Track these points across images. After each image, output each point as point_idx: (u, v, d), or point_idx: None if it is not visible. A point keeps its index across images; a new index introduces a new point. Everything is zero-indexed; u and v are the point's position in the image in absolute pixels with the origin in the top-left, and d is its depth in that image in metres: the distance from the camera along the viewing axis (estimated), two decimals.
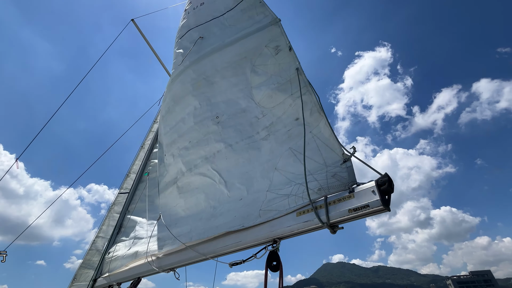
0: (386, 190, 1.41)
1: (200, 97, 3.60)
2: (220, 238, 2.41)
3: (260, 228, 2.00)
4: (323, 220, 1.57)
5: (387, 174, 1.46)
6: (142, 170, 5.06)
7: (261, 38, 3.41)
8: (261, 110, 3.05)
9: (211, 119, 3.36)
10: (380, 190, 1.41)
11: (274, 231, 1.86)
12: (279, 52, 3.17)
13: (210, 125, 3.35)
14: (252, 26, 3.59)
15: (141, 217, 4.20)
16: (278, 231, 1.84)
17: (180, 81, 4.04)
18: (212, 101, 3.46)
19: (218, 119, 3.32)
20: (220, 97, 3.43)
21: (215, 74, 3.58)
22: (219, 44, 3.79)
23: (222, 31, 4.00)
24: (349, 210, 1.50)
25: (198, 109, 3.55)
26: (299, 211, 1.77)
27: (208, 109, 3.44)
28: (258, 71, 3.26)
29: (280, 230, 1.83)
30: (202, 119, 3.44)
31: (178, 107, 3.92)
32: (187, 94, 3.81)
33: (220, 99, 3.41)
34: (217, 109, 3.37)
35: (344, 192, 1.63)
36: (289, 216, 1.83)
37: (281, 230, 1.82)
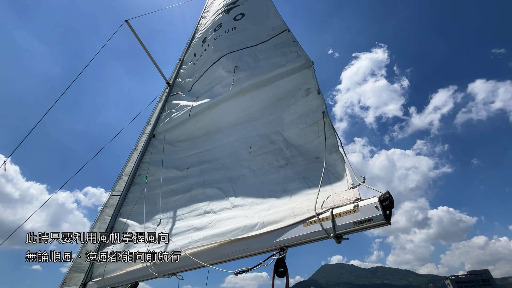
0: (387, 206, 1.61)
1: (242, 131, 4.05)
2: (225, 245, 2.52)
3: (267, 237, 2.14)
4: (329, 232, 1.74)
5: (388, 191, 1.65)
6: (134, 172, 5.01)
7: (296, 81, 3.88)
8: (286, 144, 3.39)
9: (245, 149, 3.74)
10: (383, 206, 1.60)
11: (281, 240, 2.00)
12: (309, 94, 3.59)
13: (244, 154, 3.71)
14: (287, 65, 4.06)
15: (136, 220, 4.17)
16: (285, 240, 1.98)
17: (223, 110, 4.54)
18: (250, 135, 3.87)
19: (250, 149, 3.70)
20: (256, 132, 3.84)
21: (256, 112, 4.07)
22: (257, 81, 4.27)
23: (256, 64, 4.50)
24: (354, 223, 1.68)
25: (238, 141, 3.96)
26: (306, 222, 1.94)
27: (246, 141, 3.84)
28: (290, 110, 3.68)
29: (288, 239, 1.97)
30: (239, 149, 3.83)
31: (220, 135, 4.38)
32: (231, 126, 4.29)
33: (256, 133, 3.82)
34: (252, 141, 3.77)
35: (349, 206, 1.81)
36: (297, 226, 1.98)
37: (289, 239, 1.97)
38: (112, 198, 4.73)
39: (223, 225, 2.86)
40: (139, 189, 4.68)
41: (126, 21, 6.91)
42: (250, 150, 3.81)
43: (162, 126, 5.50)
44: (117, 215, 4.40)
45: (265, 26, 5.23)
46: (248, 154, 3.78)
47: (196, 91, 5.65)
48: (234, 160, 3.93)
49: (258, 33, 5.10)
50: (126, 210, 4.44)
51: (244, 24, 5.67)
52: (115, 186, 4.94)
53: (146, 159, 5.26)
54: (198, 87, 5.68)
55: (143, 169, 5.04)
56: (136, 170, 5.02)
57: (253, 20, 5.58)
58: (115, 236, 4.14)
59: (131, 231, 4.06)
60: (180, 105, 5.64)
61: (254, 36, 5.09)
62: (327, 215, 1.82)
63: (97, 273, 3.72)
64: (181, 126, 5.16)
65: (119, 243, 3.97)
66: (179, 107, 5.59)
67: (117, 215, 4.39)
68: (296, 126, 3.53)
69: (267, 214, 2.44)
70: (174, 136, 5.25)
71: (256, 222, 2.45)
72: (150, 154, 5.32)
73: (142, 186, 4.74)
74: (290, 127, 3.61)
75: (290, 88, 3.97)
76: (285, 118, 3.76)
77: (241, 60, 4.81)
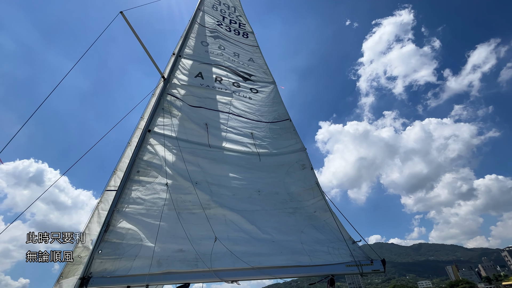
0: (384, 262, 3.53)
1: (249, 175, 5.23)
2: (266, 269, 3.62)
3: (317, 268, 3.54)
4: (361, 271, 3.43)
5: (384, 259, 3.60)
6: (130, 168, 4.77)
7: (294, 157, 5.67)
8: (290, 197, 4.87)
9: (255, 190, 4.92)
10: (383, 262, 3.51)
11: (329, 271, 3.48)
12: (305, 169, 5.36)
13: (254, 194, 4.85)
14: (288, 147, 5.91)
15: (141, 223, 4.14)
16: (332, 272, 3.47)
17: (240, 160, 5.56)
18: (258, 181, 5.14)
19: (259, 192, 4.91)
20: (264, 181, 5.16)
21: (265, 169, 5.41)
22: (269, 152, 5.80)
23: (267, 138, 6.10)
24: (372, 270, 3.47)
25: (247, 181, 5.12)
26: (347, 263, 3.55)
27: (254, 185, 5.04)
28: (290, 175, 5.32)
29: (334, 272, 3.47)
30: (248, 188, 4.97)
31: (227, 167, 5.31)
32: (239, 166, 5.36)
33: (263, 182, 5.13)
34: (260, 186, 5.02)
35: (367, 261, 3.62)
36: (340, 264, 3.56)
37: (335, 271, 3.47)
38: (106, 193, 4.34)
39: (255, 246, 3.95)
40: (140, 188, 4.60)
41: (121, 13, 6.62)
42: (260, 193, 5.02)
43: (180, 132, 5.64)
44: (113, 210, 4.14)
45: (272, 110, 6.96)
46: (258, 195, 4.97)
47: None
48: (245, 195, 4.97)
49: (268, 113, 6.83)
50: (126, 207, 4.27)
51: (258, 101, 7.20)
52: (109, 181, 4.53)
53: (141, 156, 5.10)
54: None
55: (141, 166, 4.91)
56: (132, 166, 4.82)
57: (265, 102, 7.26)
58: (111, 232, 3.98)
59: (139, 232, 4.03)
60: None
61: (265, 114, 6.76)
62: (357, 263, 3.55)
63: (97, 268, 3.49)
64: (196, 144, 5.56)
65: (124, 242, 3.87)
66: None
67: (113, 210, 4.14)
68: (295, 187, 5.17)
69: (304, 251, 3.85)
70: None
71: (293, 251, 3.81)
72: (146, 151, 5.21)
73: (141, 184, 4.68)
74: (291, 187, 5.19)
75: (290, 160, 5.68)
76: (285, 179, 5.32)
77: (256, 129, 6.26)
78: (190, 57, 7.73)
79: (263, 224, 4.42)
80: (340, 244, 3.99)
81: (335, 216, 4.48)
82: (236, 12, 12.08)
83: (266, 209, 4.74)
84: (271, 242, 4.09)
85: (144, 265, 3.55)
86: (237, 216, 4.46)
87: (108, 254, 3.70)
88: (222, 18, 10.77)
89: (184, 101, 6.42)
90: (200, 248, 3.84)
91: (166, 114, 6.00)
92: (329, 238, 4.15)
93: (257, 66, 8.91)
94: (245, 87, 7.58)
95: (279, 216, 4.62)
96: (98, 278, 3.40)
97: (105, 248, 3.73)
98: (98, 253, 3.63)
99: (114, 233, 3.93)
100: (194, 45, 8.36)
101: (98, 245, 3.67)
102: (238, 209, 4.61)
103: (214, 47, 8.75)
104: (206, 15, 10.14)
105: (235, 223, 4.31)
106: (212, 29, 9.57)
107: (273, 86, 8.01)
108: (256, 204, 4.78)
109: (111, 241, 3.84)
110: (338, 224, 4.38)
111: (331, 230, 4.27)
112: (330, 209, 4.67)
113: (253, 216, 4.55)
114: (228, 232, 4.15)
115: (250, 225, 4.32)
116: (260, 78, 8.27)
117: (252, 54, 9.40)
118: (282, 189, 5.11)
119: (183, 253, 3.79)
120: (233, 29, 10.48)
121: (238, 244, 3.99)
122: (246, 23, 11.53)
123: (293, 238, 4.15)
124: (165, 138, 5.49)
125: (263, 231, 4.25)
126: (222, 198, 4.78)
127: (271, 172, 5.43)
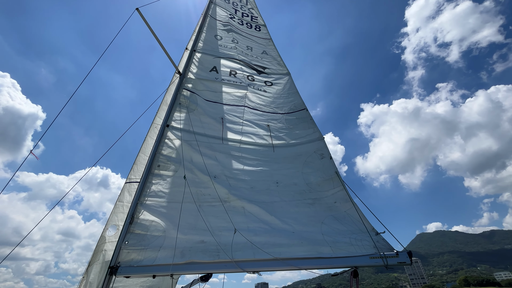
0: (411, 255, 3.42)
1: (266, 167, 5.23)
2: (289, 260, 3.60)
3: (339, 260, 3.49)
4: (385, 264, 3.35)
5: (410, 251, 3.48)
6: (150, 162, 4.89)
7: (312, 146, 5.52)
8: (309, 187, 4.77)
9: (272, 182, 4.88)
10: (410, 255, 3.40)
11: (352, 263, 3.42)
12: (324, 158, 5.22)
13: (272, 186, 4.81)
14: (306, 137, 5.78)
15: (163, 215, 4.25)
16: (355, 264, 3.41)
17: (257, 152, 5.53)
18: (275, 172, 5.10)
19: (277, 183, 4.87)
20: (280, 172, 5.10)
21: (282, 160, 5.35)
22: (286, 143, 5.75)
23: (284, 130, 6.00)
24: (398, 262, 3.37)
25: (264, 173, 5.11)
26: (371, 255, 3.47)
27: (272, 176, 5.01)
28: (308, 165, 5.20)
29: (357, 263, 3.41)
30: (266, 180, 4.93)
31: (242, 160, 5.30)
32: (255, 159, 5.36)
33: (281, 173, 5.07)
34: (277, 178, 4.98)
35: (393, 253, 3.52)
36: (364, 256, 3.48)
37: (358, 263, 3.41)
38: (127, 185, 4.47)
39: (275, 236, 3.93)
40: (161, 181, 4.70)
41: (137, 9, 6.65)
42: (278, 184, 4.98)
43: (196, 126, 5.70)
44: (136, 202, 4.27)
45: (288, 101, 6.84)
46: (276, 187, 4.94)
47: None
48: (263, 187, 4.95)
49: (284, 104, 6.72)
50: (149, 201, 4.39)
51: (273, 93, 7.11)
52: (130, 174, 4.66)
53: (159, 150, 5.20)
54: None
55: (161, 161, 5.02)
56: (152, 160, 4.93)
57: (280, 93, 7.16)
58: (135, 224, 4.10)
59: (162, 225, 4.14)
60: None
61: (281, 106, 6.65)
62: (382, 255, 3.46)
63: (124, 258, 3.62)
64: (212, 138, 5.60)
65: (149, 233, 3.98)
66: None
67: (136, 203, 4.27)
68: (314, 178, 5.07)
69: (325, 242, 3.80)
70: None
71: (314, 242, 3.77)
72: (165, 145, 5.31)
73: (162, 178, 4.79)
74: (309, 177, 5.12)
75: (308, 150, 5.57)
76: (304, 170, 5.25)
77: (272, 121, 6.19)
78: (204, 51, 7.74)
79: (282, 215, 4.39)
80: (363, 235, 3.89)
81: (357, 207, 4.37)
82: (248, 5, 11.93)
83: (285, 200, 4.71)
84: (291, 232, 4.06)
85: (168, 255, 3.64)
86: (256, 208, 4.46)
87: (134, 245, 3.82)
88: (234, 11, 10.68)
89: (200, 96, 6.47)
90: (221, 239, 3.89)
91: (183, 109, 6.08)
92: (351, 229, 4.05)
93: (271, 58, 8.79)
94: (260, 80, 7.51)
95: (298, 207, 4.57)
96: (126, 267, 3.53)
97: (131, 239, 3.86)
98: (125, 244, 3.76)
99: (138, 225, 4.06)
100: (208, 39, 8.36)
101: (124, 236, 3.80)
102: (257, 201, 4.61)
103: (228, 41, 8.71)
104: (218, 8, 10.09)
105: (254, 214, 4.32)
106: (225, 22, 9.51)
107: (288, 77, 7.88)
108: (274, 196, 4.77)
109: (136, 232, 3.97)
110: (360, 215, 4.26)
111: (353, 221, 4.17)
112: (352, 200, 4.56)
113: (272, 207, 4.54)
114: (248, 223, 4.17)
115: (269, 215, 4.32)
116: (274, 70, 8.16)
117: (265, 47, 9.27)
118: (301, 179, 5.04)
119: (205, 244, 3.86)
120: (245, 22, 10.38)
121: (258, 235, 4.00)
122: (258, 15, 11.37)
123: (313, 229, 4.10)
124: (182, 132, 5.58)
125: (283, 221, 4.23)
126: (241, 191, 4.80)
127: (288, 163, 5.37)
